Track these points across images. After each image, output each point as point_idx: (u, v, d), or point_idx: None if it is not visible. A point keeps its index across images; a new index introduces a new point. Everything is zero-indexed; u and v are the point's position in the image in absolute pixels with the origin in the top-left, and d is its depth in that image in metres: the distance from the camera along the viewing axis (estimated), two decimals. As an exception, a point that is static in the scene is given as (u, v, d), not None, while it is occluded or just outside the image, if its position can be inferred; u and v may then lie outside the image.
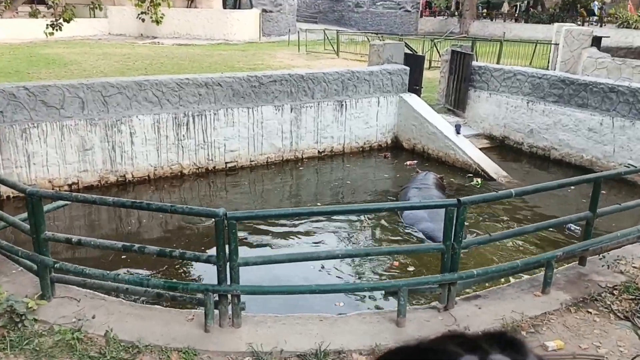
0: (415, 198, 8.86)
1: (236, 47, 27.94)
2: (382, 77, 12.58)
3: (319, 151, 12.12)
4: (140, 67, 18.83)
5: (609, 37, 21.82)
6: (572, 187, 9.60)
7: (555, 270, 5.40)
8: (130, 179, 10.02)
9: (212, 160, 10.79)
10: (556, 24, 21.25)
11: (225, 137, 10.82)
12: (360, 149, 12.71)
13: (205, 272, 6.54)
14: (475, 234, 7.70)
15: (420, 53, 17.40)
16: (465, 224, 4.91)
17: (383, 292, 5.54)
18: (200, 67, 19.38)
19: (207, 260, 4.58)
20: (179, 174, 10.48)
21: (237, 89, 10.73)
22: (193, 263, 6.90)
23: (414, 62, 13.34)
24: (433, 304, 5.13)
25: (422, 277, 5.31)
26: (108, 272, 4.93)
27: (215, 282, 4.51)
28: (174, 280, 6.32)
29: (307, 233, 8.13)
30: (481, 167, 10.92)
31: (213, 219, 4.36)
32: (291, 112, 11.47)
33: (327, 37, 26.83)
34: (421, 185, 9.34)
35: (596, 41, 16.73)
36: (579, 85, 11.48)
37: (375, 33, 30.05)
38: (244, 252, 7.19)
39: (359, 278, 6.73)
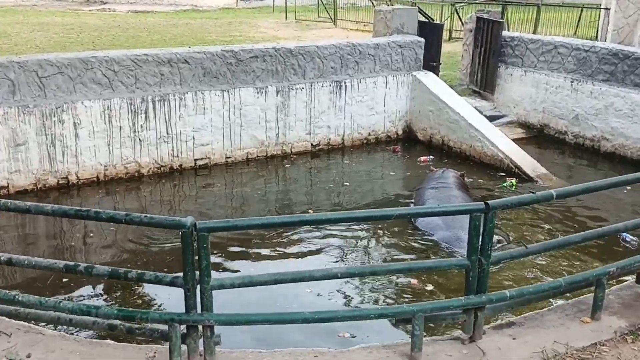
0: (432, 201, 8.89)
1: (207, 15, 27.93)
2: (390, 52, 12.60)
3: (312, 144, 12.13)
4: (87, 40, 18.79)
5: (672, -1, 21.90)
6: (629, 187, 9.66)
7: (607, 290, 5.42)
8: (75, 181, 10.00)
9: (177, 156, 10.78)
10: (607, -16, 21.33)
11: (195, 128, 10.81)
12: (364, 141, 12.73)
13: (170, 298, 6.52)
14: (500, 245, 7.72)
15: (437, 21, 17.44)
16: (496, 233, 4.93)
17: (393, 319, 5.55)
18: (163, 39, 19.35)
19: (172, 283, 4.56)
20: (136, 174, 10.46)
21: (209, 67, 10.73)
22: (155, 286, 6.85)
23: (431, 33, 13.38)
24: (456, 334, 5.14)
25: (442, 301, 5.31)
26: (47, 299, 4.91)
27: (183, 309, 4.51)
28: (131, 308, 6.31)
29: (298, 247, 8.12)
30: (515, 163, 10.97)
31: (179, 231, 4.35)
32: (277, 95, 11.48)
33: (322, 1, 26.87)
34: (438, 185, 9.42)
35: (657, 4, 16.77)
36: (635, 59, 11.55)
37: (381, -4, 30.08)
38: (218, 272, 7.20)
39: (364, 302, 6.74)
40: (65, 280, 6.98)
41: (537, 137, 13.23)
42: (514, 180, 10.52)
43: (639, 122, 11.47)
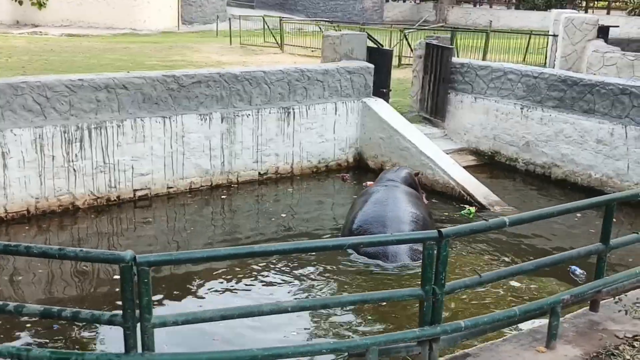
0: (378, 196, 9.36)
1: (147, 39, 27.79)
2: (339, 77, 12.77)
3: (259, 173, 12.12)
4: (17, 65, 18.42)
5: (618, 26, 23.00)
6: (579, 214, 9.97)
7: (561, 318, 5.54)
8: (3, 216, 9.71)
9: (115, 187, 10.60)
10: (554, 11, 22.27)
11: (134, 157, 10.67)
12: (314, 170, 12.80)
13: (108, 338, 6.37)
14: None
15: (387, 47, 17.80)
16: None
17: (347, 354, 5.55)
18: (99, 64, 19.13)
19: (110, 321, 4.45)
20: (71, 207, 10.23)
21: (149, 93, 10.65)
22: (92, 326, 6.71)
23: (380, 59, 13.63)
24: (410, 368, 5.17)
25: (395, 333, 5.33)
26: (-28, 341, 4.73)
27: (122, 349, 4.41)
28: (64, 350, 6.13)
29: (246, 281, 8.06)
30: (467, 191, 11.18)
31: (118, 265, 4.27)
32: (222, 122, 11.46)
33: (268, 26, 27.10)
34: (388, 183, 9.87)
35: (603, 32, 17.60)
36: (583, 86, 12.00)
37: (329, 21, 30.57)
38: (161, 308, 7.07)
39: (317, 335, 6.74)
40: (-8, 321, 6.75)
41: (488, 164, 13.55)
42: (472, 209, 10.69)
43: (588, 148, 11.88)
